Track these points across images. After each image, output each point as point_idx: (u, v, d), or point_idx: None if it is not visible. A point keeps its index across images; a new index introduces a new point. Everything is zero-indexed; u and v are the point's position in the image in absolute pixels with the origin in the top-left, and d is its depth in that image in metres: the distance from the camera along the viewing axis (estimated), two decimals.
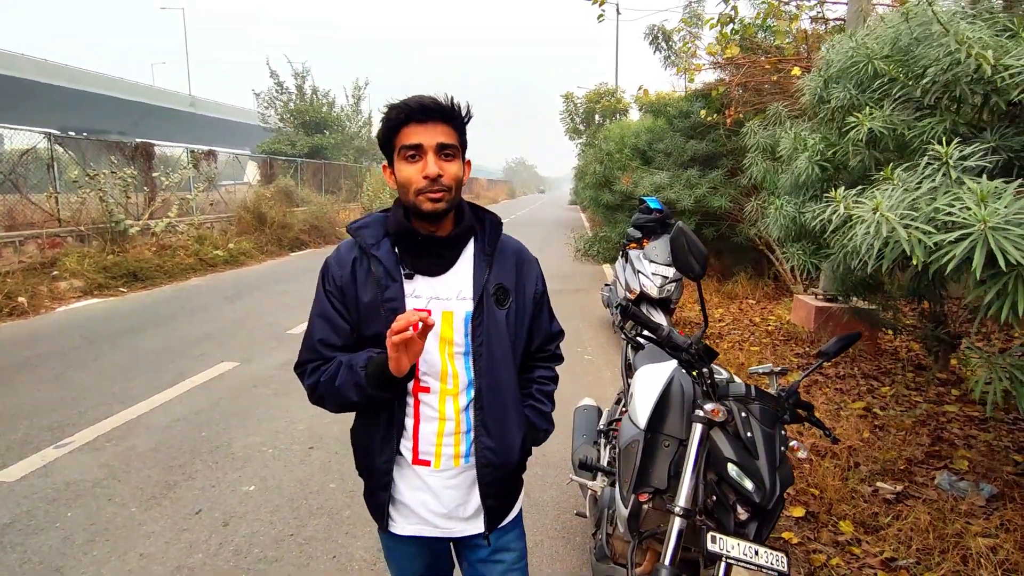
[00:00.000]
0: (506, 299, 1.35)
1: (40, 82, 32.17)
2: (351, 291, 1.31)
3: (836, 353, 1.70)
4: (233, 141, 43.21)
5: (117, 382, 4.63)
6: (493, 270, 1.34)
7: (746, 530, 1.44)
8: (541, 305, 1.46)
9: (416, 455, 1.33)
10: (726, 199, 7.25)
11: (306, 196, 16.83)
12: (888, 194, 1.67)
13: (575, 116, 24.64)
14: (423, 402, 1.31)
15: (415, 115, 1.22)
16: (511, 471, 1.38)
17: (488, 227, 1.38)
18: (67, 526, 2.74)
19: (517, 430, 1.37)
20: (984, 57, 1.77)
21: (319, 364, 1.33)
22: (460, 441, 1.32)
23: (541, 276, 1.47)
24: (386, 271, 1.29)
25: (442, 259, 1.31)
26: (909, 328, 4.40)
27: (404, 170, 1.24)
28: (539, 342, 1.49)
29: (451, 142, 1.24)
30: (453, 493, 1.34)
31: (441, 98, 1.24)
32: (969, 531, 2.46)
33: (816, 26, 6.50)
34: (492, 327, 1.32)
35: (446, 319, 1.29)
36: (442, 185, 1.22)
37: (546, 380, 1.52)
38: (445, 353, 1.30)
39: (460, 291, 1.31)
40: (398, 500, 1.36)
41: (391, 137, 1.25)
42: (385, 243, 1.31)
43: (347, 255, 1.34)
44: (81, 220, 9.81)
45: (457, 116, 1.26)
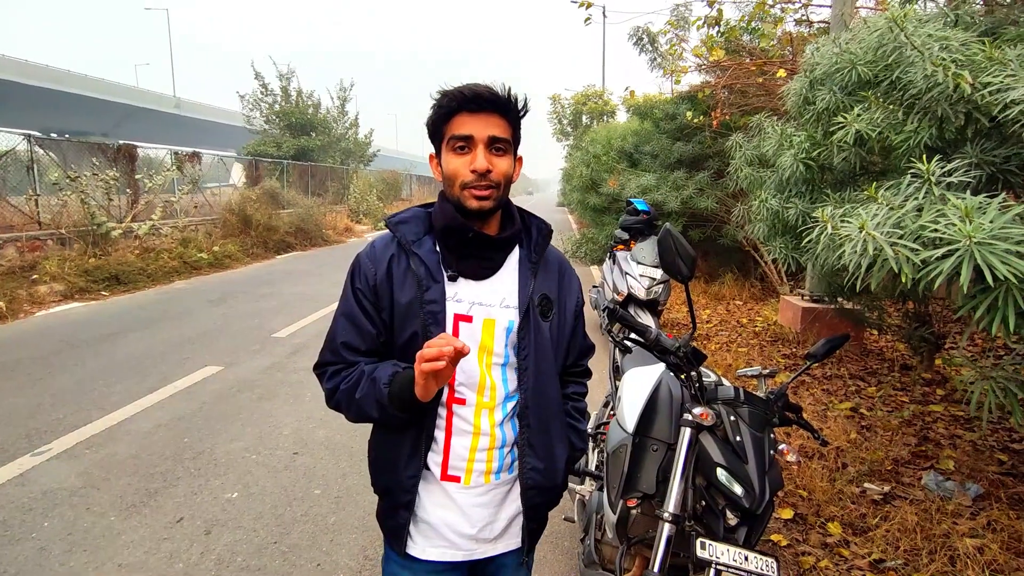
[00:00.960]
0: (549, 311, 1.29)
1: (20, 83, 31.70)
2: (386, 290, 1.22)
3: (824, 355, 1.69)
4: (218, 143, 42.83)
5: (97, 388, 4.54)
6: (538, 279, 1.27)
7: (736, 535, 1.42)
8: (579, 319, 1.40)
9: (445, 471, 1.23)
10: (712, 201, 7.29)
11: (292, 198, 16.68)
12: (873, 212, 1.67)
13: (562, 118, 24.70)
14: (457, 414, 1.22)
15: (468, 104, 1.13)
16: (556, 493, 1.32)
17: (535, 233, 1.30)
18: (44, 536, 2.67)
19: (563, 449, 1.31)
20: (962, 77, 1.77)
21: (340, 368, 1.24)
22: (493, 457, 1.24)
23: (581, 288, 1.41)
24: (428, 271, 1.20)
25: (489, 262, 1.23)
26: (894, 328, 4.43)
27: (451, 162, 1.16)
28: (575, 356, 1.42)
29: (504, 136, 1.16)
30: (481, 512, 1.25)
31: (497, 88, 1.15)
32: (956, 531, 2.47)
33: (800, 28, 6.54)
34: (538, 339, 1.25)
35: (487, 327, 1.21)
36: (490, 181, 1.15)
37: (579, 396, 1.45)
38: (484, 363, 1.22)
39: (504, 299, 1.23)
40: (421, 519, 1.25)
41: (440, 126, 1.17)
42: (427, 240, 1.23)
43: (383, 252, 1.24)
44: (62, 223, 9.65)
45: (513, 108, 1.18)
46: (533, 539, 1.32)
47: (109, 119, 38.93)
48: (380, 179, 24.43)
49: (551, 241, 1.35)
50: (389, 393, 1.15)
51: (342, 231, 17.53)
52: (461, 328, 1.20)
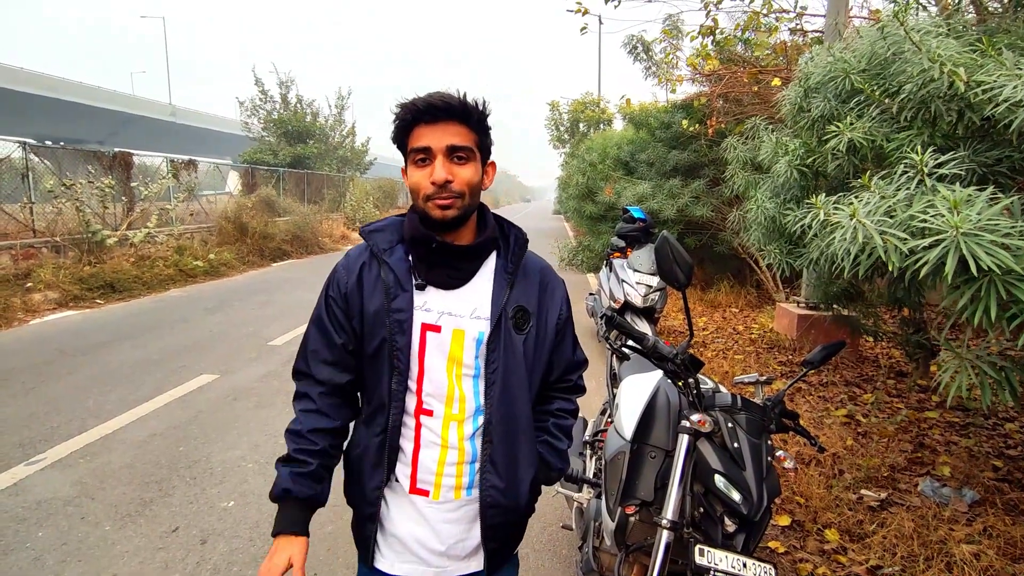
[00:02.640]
0: (526, 323, 1.24)
1: (15, 90, 31.64)
2: (356, 300, 1.21)
3: (821, 362, 1.70)
4: (214, 151, 42.85)
5: (92, 396, 4.52)
6: (515, 290, 1.23)
7: (734, 542, 1.43)
8: (565, 332, 1.34)
9: (414, 483, 1.21)
10: (708, 208, 7.33)
11: (288, 206, 16.66)
12: (865, 201, 1.69)
13: (560, 125, 24.79)
14: (425, 426, 1.20)
15: (423, 116, 1.12)
16: (519, 514, 1.27)
17: (512, 242, 1.27)
18: (38, 546, 2.65)
19: (528, 468, 1.26)
20: (957, 74, 1.80)
21: (303, 392, 1.26)
22: (463, 472, 1.21)
23: (566, 300, 1.35)
24: (396, 279, 1.19)
25: (459, 271, 1.21)
26: (890, 335, 4.45)
27: (414, 175, 1.16)
28: (560, 372, 1.36)
29: (464, 143, 1.14)
30: (452, 528, 1.22)
31: (454, 95, 1.14)
32: (952, 537, 2.48)
33: (795, 38, 6.60)
34: (509, 353, 1.21)
35: (456, 338, 1.19)
36: (452, 191, 1.13)
37: (565, 413, 1.39)
38: (453, 374, 1.20)
39: (475, 309, 1.20)
40: (389, 532, 1.24)
41: (403, 139, 1.17)
42: (399, 249, 1.22)
43: (356, 260, 1.24)
44: (57, 231, 9.62)
45: (472, 115, 1.15)
46: (494, 560, 1.26)
47: (105, 127, 38.88)
48: (377, 187, 24.43)
49: (534, 249, 1.33)
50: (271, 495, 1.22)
51: (338, 239, 17.53)
52: (428, 338, 1.19)
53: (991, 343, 1.91)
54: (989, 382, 1.66)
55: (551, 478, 1.36)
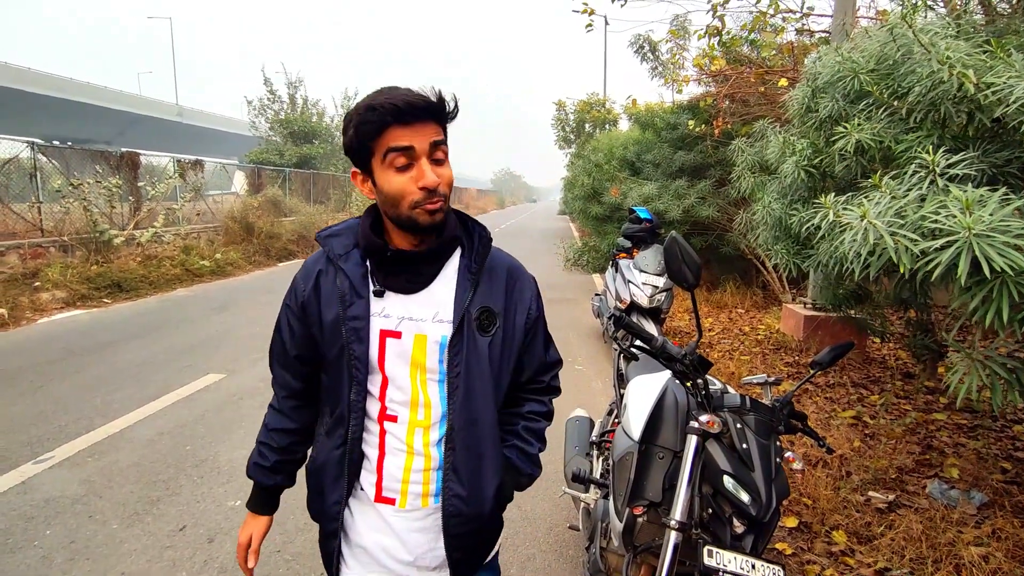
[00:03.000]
0: (491, 325, 1.18)
1: (23, 90, 31.87)
2: (313, 308, 1.16)
3: (830, 363, 1.69)
4: (221, 151, 43.02)
5: (99, 395, 4.54)
6: (479, 291, 1.17)
7: (742, 543, 1.42)
8: (535, 331, 1.28)
9: (379, 491, 1.17)
10: (714, 209, 7.31)
11: (294, 206, 16.74)
12: (876, 201, 1.68)
13: (566, 125, 24.77)
14: (389, 432, 1.16)
15: (403, 116, 1.03)
16: (483, 522, 1.20)
17: (476, 241, 1.20)
18: (46, 544, 2.67)
19: (492, 476, 1.20)
20: (966, 76, 1.79)
21: (274, 390, 1.32)
22: (430, 479, 1.16)
23: (537, 298, 1.29)
24: (352, 286, 1.13)
25: (419, 275, 1.15)
26: (897, 336, 4.43)
27: (394, 180, 1.05)
28: (532, 372, 1.30)
29: (442, 139, 1.08)
30: (420, 538, 1.18)
31: (428, 92, 1.06)
32: (961, 540, 2.46)
33: (801, 38, 6.58)
34: (472, 356, 1.15)
35: (418, 342, 1.14)
36: (440, 194, 1.07)
37: (537, 416, 1.32)
38: (417, 379, 1.15)
39: (438, 312, 1.15)
40: (355, 543, 1.20)
41: (371, 141, 1.06)
42: (355, 254, 1.16)
43: (313, 267, 1.19)
44: (64, 230, 9.68)
45: (447, 112, 1.09)
46: (459, 570, 1.21)
47: (112, 127, 39.13)
48: None
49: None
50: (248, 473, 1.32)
51: None
52: (389, 344, 1.14)
53: (1000, 344, 1.90)
54: (1000, 383, 1.65)
55: (521, 484, 1.31)
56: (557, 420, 2.55)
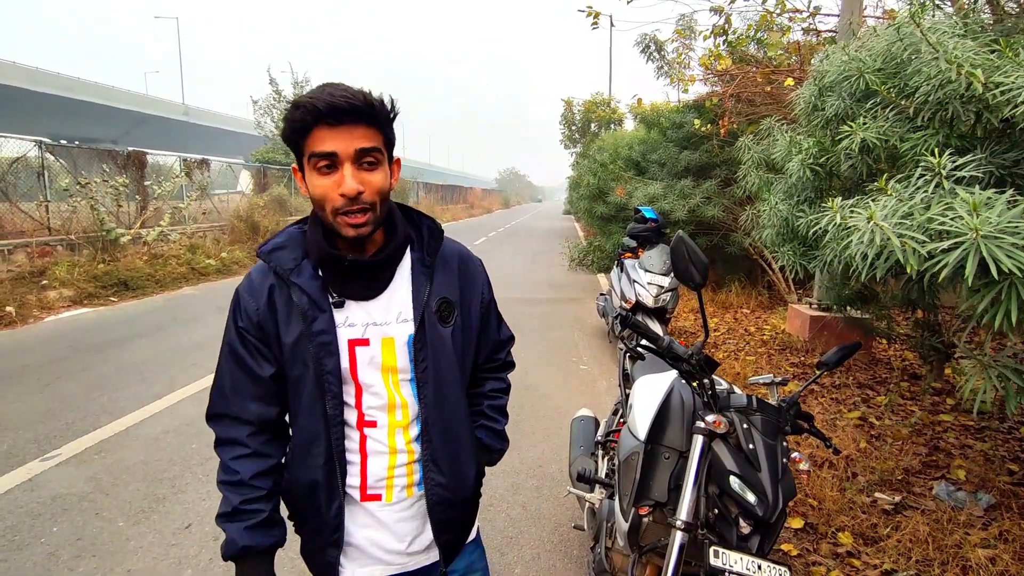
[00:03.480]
0: (451, 315, 1.20)
1: (31, 90, 32.07)
2: (271, 327, 1.12)
3: (836, 363, 1.68)
4: (227, 150, 43.16)
5: (106, 393, 4.57)
6: (435, 283, 1.18)
7: (748, 544, 1.42)
8: (488, 313, 1.32)
9: (364, 491, 1.17)
10: (719, 209, 7.29)
11: (299, 205, 16.78)
12: (883, 204, 1.68)
13: (572, 125, 24.76)
14: (370, 436, 1.16)
15: (325, 117, 0.99)
16: (466, 505, 1.25)
17: (427, 235, 1.20)
18: (53, 541, 2.68)
19: (470, 460, 1.24)
20: (975, 76, 1.78)
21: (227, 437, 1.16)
22: (413, 471, 1.19)
23: (487, 282, 1.32)
24: (311, 300, 1.10)
25: (376, 280, 1.13)
26: (903, 337, 4.41)
27: (317, 184, 1.03)
28: (487, 352, 1.35)
29: (372, 145, 1.03)
30: (408, 526, 1.20)
31: (357, 93, 1.02)
32: (968, 542, 2.45)
33: (808, 37, 6.55)
34: (438, 348, 1.16)
35: (387, 346, 1.13)
36: (364, 203, 1.03)
37: (498, 393, 1.37)
38: (390, 383, 1.15)
39: (400, 312, 1.15)
40: (347, 543, 1.19)
41: (298, 141, 1.04)
42: (306, 266, 1.12)
43: (262, 283, 1.13)
44: (72, 229, 9.74)
45: (379, 114, 1.04)
46: (449, 551, 1.24)
47: (119, 126, 39.35)
48: None
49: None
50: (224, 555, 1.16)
51: None
52: (358, 353, 1.12)
53: (1011, 347, 1.89)
54: (1013, 388, 1.64)
55: (493, 460, 1.37)
56: (562, 419, 2.55)
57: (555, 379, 4.81)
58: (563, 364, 5.30)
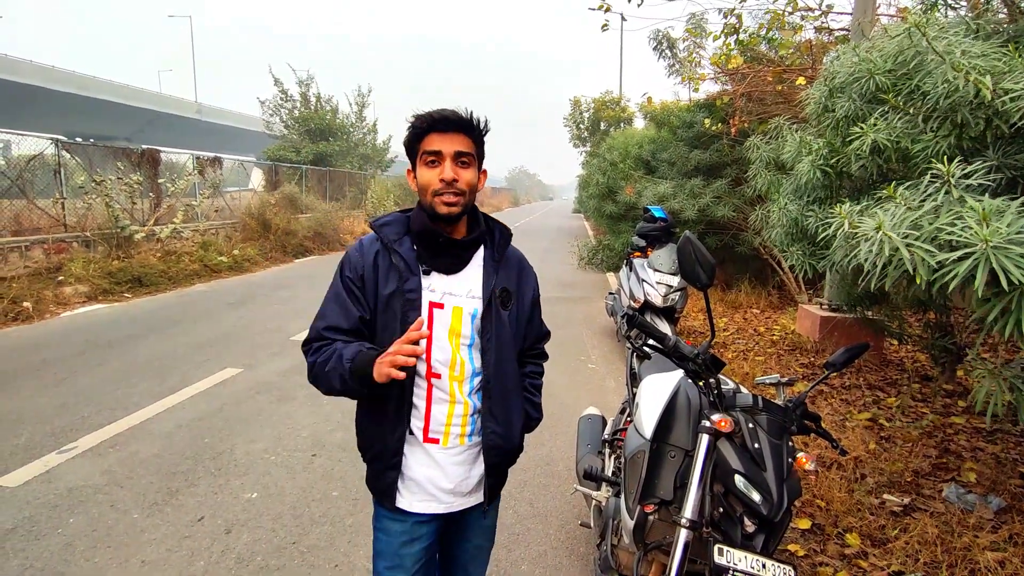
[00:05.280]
0: (509, 301, 1.51)
1: (47, 88, 32.43)
2: (371, 281, 1.43)
3: (844, 364, 1.69)
4: (239, 148, 43.47)
5: (120, 388, 4.63)
6: (500, 275, 1.49)
7: (753, 543, 1.43)
8: (535, 308, 1.64)
9: (427, 434, 1.44)
10: (729, 208, 7.26)
11: (311, 203, 16.87)
12: (891, 212, 1.67)
13: (580, 124, 24.70)
14: (435, 386, 1.43)
15: (437, 125, 1.36)
16: (514, 453, 1.55)
17: (498, 236, 1.53)
18: (69, 532, 2.74)
19: (518, 417, 1.55)
20: (983, 83, 1.77)
21: (322, 346, 1.43)
22: (467, 422, 1.46)
23: (537, 284, 1.66)
24: (407, 265, 1.41)
25: (457, 259, 1.45)
26: (915, 338, 4.38)
27: (424, 174, 1.39)
28: (531, 341, 1.65)
29: (468, 150, 1.38)
30: (458, 469, 1.47)
31: (462, 111, 1.38)
32: (977, 545, 2.44)
33: (820, 36, 6.51)
34: (500, 325, 1.47)
35: (456, 314, 1.43)
36: (457, 189, 1.37)
37: (536, 375, 1.68)
38: (454, 344, 1.43)
39: (470, 290, 1.45)
40: (407, 477, 1.45)
41: (415, 144, 1.40)
42: (406, 240, 1.44)
43: (370, 248, 1.46)
44: (87, 226, 9.85)
45: (475, 128, 1.40)
46: (493, 493, 1.54)
47: (133, 124, 39.70)
48: (397, 184, 24.59)
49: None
50: (351, 368, 1.33)
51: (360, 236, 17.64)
52: (435, 314, 1.42)
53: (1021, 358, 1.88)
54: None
55: (531, 426, 1.65)
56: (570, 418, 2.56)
57: (563, 377, 4.82)
58: (572, 363, 5.32)
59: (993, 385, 1.71)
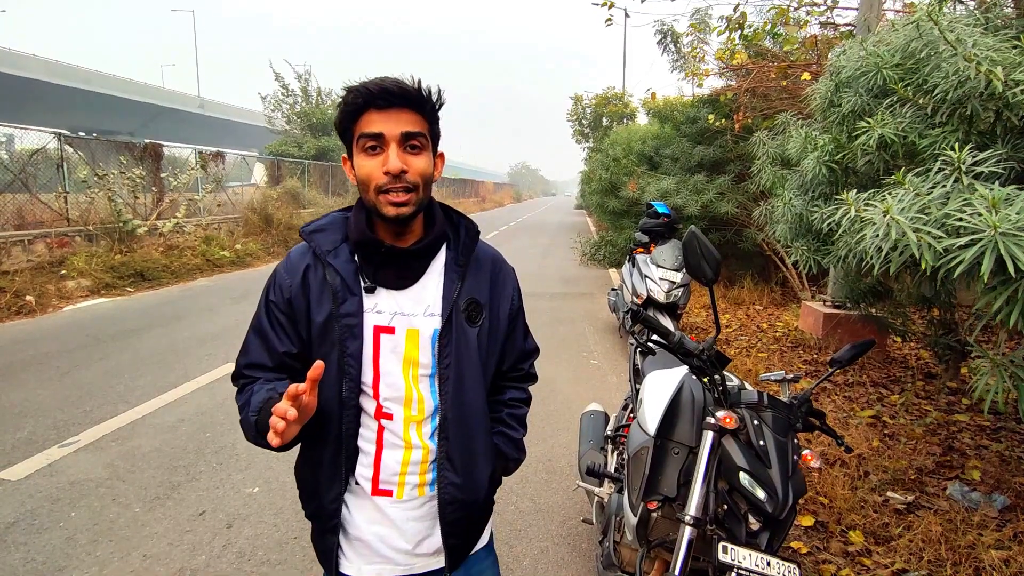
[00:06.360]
0: (479, 316, 1.20)
1: (51, 83, 32.43)
2: (301, 304, 1.14)
3: (849, 361, 1.67)
4: (241, 143, 43.47)
5: (123, 381, 4.64)
6: (466, 283, 1.18)
7: (757, 540, 1.42)
8: (516, 321, 1.31)
9: (376, 485, 1.16)
10: (733, 205, 7.24)
11: (313, 198, 16.89)
12: (899, 198, 1.66)
13: (582, 119, 24.66)
14: (387, 428, 1.15)
15: (375, 100, 1.04)
16: (478, 508, 1.23)
17: (463, 234, 1.22)
18: (71, 526, 2.74)
19: (485, 463, 1.22)
20: (994, 74, 1.75)
21: (246, 383, 1.18)
22: (427, 470, 1.17)
23: (517, 289, 1.32)
24: (344, 282, 1.12)
25: (409, 271, 1.15)
26: (919, 335, 4.36)
27: (364, 164, 1.07)
28: (512, 361, 1.33)
29: (418, 130, 1.07)
30: (417, 526, 1.18)
31: (407, 80, 1.07)
32: (981, 543, 2.43)
33: (825, 31, 6.47)
34: (462, 347, 1.16)
35: (411, 338, 1.14)
36: (406, 183, 1.06)
37: (518, 403, 1.36)
38: (409, 375, 1.14)
39: (428, 306, 1.15)
40: (353, 536, 1.19)
41: (349, 125, 1.09)
42: (344, 249, 1.15)
43: (299, 262, 1.16)
44: (90, 220, 9.86)
45: (427, 102, 1.09)
46: (455, 556, 1.22)
47: (136, 118, 39.70)
48: None
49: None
50: (256, 424, 1.09)
51: None
52: (383, 340, 1.13)
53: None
54: None
55: (509, 469, 1.34)
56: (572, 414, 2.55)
57: (565, 373, 4.81)
58: (574, 358, 5.30)
59: (993, 376, 1.69)
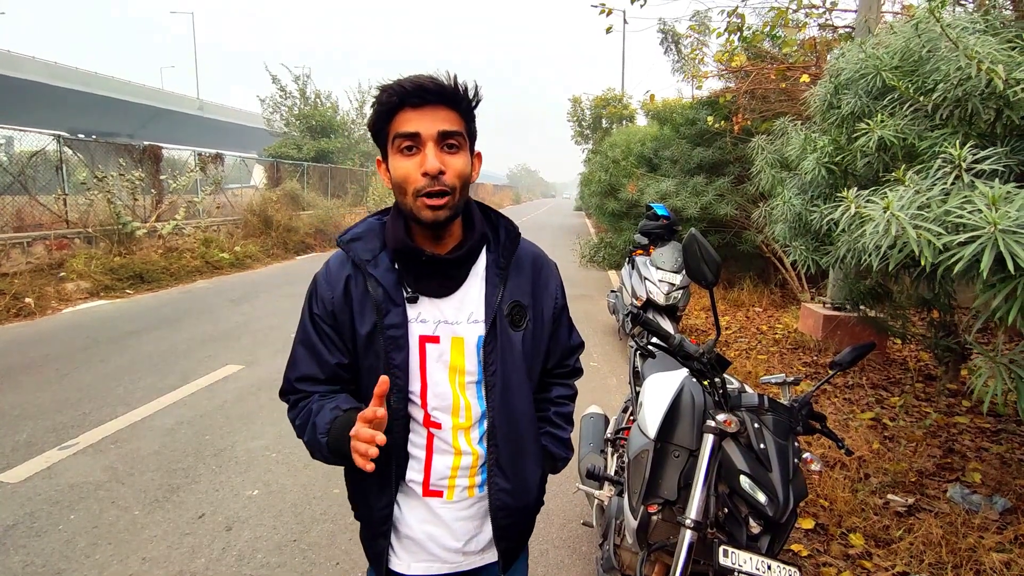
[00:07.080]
0: (523, 319, 1.18)
1: (50, 84, 32.43)
2: (345, 316, 1.13)
3: (850, 363, 1.67)
4: (241, 144, 43.46)
5: (122, 384, 4.63)
6: (508, 286, 1.16)
7: (758, 544, 1.41)
8: (561, 319, 1.29)
9: (427, 486, 1.17)
10: (732, 206, 7.23)
11: (312, 200, 16.87)
12: (900, 194, 1.66)
13: (582, 121, 24.68)
14: (437, 436, 1.16)
15: (410, 98, 1.01)
16: (529, 512, 1.24)
17: (503, 236, 1.19)
18: (70, 529, 2.73)
19: (535, 467, 1.23)
20: (995, 72, 1.75)
21: (299, 399, 1.18)
22: (476, 472, 1.18)
23: (561, 285, 1.30)
24: (386, 293, 1.10)
25: (450, 278, 1.13)
26: (918, 337, 4.36)
27: (400, 165, 1.04)
28: (557, 358, 1.32)
29: (455, 129, 1.04)
30: (466, 525, 1.19)
31: (443, 77, 1.03)
32: (982, 545, 2.42)
33: (824, 33, 6.48)
34: (507, 352, 1.15)
35: (456, 346, 1.12)
36: (444, 185, 1.03)
37: (564, 400, 1.35)
38: (456, 384, 1.13)
39: (471, 313, 1.13)
40: (404, 535, 1.20)
41: (383, 126, 1.06)
42: (383, 258, 1.12)
43: (339, 272, 1.14)
44: (89, 222, 9.85)
45: (463, 99, 1.05)
46: (508, 558, 1.23)
47: (135, 120, 39.71)
48: None
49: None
50: (328, 445, 1.09)
51: None
52: (428, 349, 1.12)
53: None
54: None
55: (556, 468, 1.34)
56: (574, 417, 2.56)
57: None
58: None
59: (992, 374, 1.69)
